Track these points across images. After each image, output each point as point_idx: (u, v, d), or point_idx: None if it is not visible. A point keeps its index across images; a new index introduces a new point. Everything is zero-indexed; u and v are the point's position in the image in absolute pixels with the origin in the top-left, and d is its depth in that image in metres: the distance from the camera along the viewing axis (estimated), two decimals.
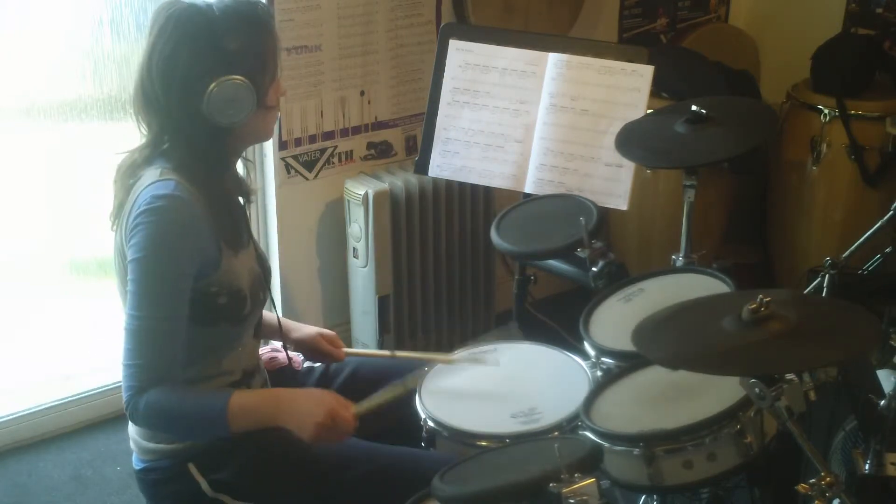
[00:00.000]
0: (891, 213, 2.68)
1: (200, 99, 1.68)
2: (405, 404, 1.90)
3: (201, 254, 1.72)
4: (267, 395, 1.87)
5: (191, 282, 1.70)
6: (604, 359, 1.84)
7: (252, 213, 3.04)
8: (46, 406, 2.95)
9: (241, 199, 1.93)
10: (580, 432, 1.67)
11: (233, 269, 1.77)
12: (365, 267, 2.99)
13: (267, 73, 1.76)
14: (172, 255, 1.68)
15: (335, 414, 1.72)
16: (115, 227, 1.79)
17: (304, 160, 3.02)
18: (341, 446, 1.84)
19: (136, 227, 1.68)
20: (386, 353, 2.13)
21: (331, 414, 1.71)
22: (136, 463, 1.87)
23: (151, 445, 1.82)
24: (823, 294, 2.34)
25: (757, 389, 1.42)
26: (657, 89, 2.86)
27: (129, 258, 1.69)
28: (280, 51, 1.80)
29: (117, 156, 1.82)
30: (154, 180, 1.70)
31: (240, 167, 2.01)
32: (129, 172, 1.77)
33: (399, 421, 1.93)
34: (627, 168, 2.43)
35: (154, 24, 1.72)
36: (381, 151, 3.18)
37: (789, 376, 1.49)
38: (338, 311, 3.16)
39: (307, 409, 1.72)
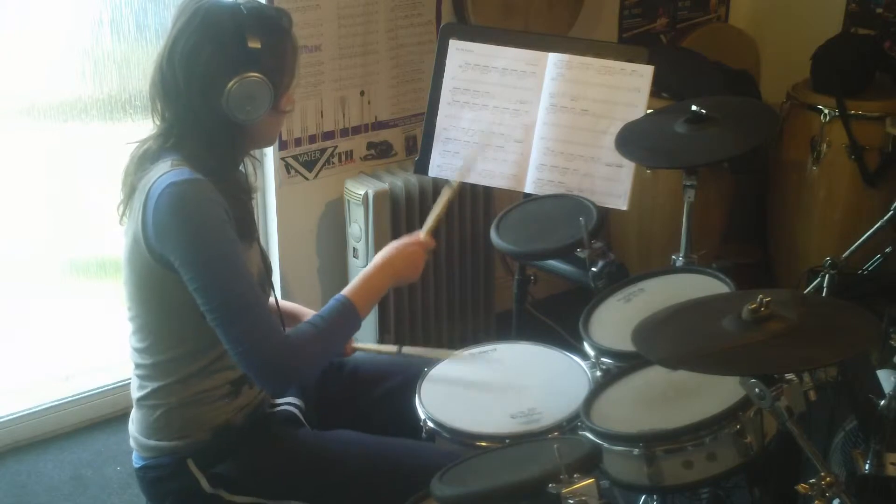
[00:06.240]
0: (891, 213, 2.68)
1: (220, 92, 1.68)
2: (405, 401, 1.91)
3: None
4: (366, 281, 1.93)
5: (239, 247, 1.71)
6: (603, 359, 1.84)
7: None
8: (46, 406, 2.96)
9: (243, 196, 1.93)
10: (580, 432, 1.67)
11: (246, 262, 1.77)
12: (365, 267, 2.98)
13: (285, 77, 1.78)
14: (218, 235, 1.67)
15: (406, 246, 1.97)
16: (124, 221, 1.79)
17: (304, 160, 3.02)
18: (340, 440, 1.86)
19: (167, 228, 1.66)
20: (392, 349, 2.15)
21: (405, 248, 1.97)
22: (136, 461, 1.88)
23: (152, 443, 1.83)
24: (823, 294, 2.34)
25: (757, 389, 1.42)
26: (657, 89, 2.86)
27: (178, 263, 1.66)
28: (298, 60, 1.81)
29: (128, 145, 1.81)
30: (167, 170, 1.70)
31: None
32: (139, 164, 1.77)
33: (400, 417, 1.94)
34: (627, 168, 2.43)
35: (180, 17, 1.72)
36: (381, 151, 3.19)
37: (789, 376, 1.49)
38: None
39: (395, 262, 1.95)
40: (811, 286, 2.58)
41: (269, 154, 2.95)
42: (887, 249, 2.82)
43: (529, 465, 1.45)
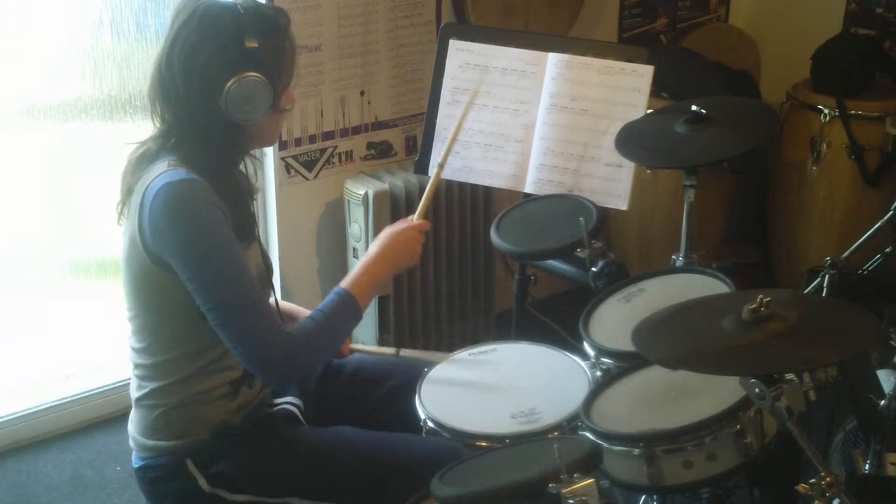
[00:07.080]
0: (891, 213, 2.68)
1: (219, 93, 1.69)
2: (405, 401, 1.91)
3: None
4: (365, 271, 1.89)
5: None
6: (603, 359, 1.84)
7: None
8: (46, 406, 2.96)
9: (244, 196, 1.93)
10: (580, 432, 1.67)
11: (246, 262, 1.77)
12: None
13: (284, 76, 1.78)
14: (214, 234, 1.67)
15: (402, 231, 1.95)
16: (121, 222, 1.79)
17: (304, 160, 3.02)
18: (336, 435, 1.86)
19: (163, 229, 1.66)
20: (390, 351, 2.14)
21: (400, 233, 1.94)
22: (136, 461, 1.88)
23: (150, 443, 1.83)
24: (823, 294, 2.34)
25: (757, 389, 1.42)
26: (657, 89, 2.86)
27: (176, 263, 1.66)
28: (297, 59, 1.81)
29: (128, 145, 1.82)
30: (163, 171, 1.70)
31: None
32: (137, 165, 1.77)
33: (400, 417, 1.94)
34: (627, 168, 2.42)
35: (178, 17, 1.72)
36: (381, 151, 3.19)
37: (789, 376, 1.49)
38: None
39: (392, 248, 1.93)
40: (811, 286, 2.58)
41: (269, 154, 2.95)
42: (887, 249, 2.82)
43: (529, 465, 1.45)
